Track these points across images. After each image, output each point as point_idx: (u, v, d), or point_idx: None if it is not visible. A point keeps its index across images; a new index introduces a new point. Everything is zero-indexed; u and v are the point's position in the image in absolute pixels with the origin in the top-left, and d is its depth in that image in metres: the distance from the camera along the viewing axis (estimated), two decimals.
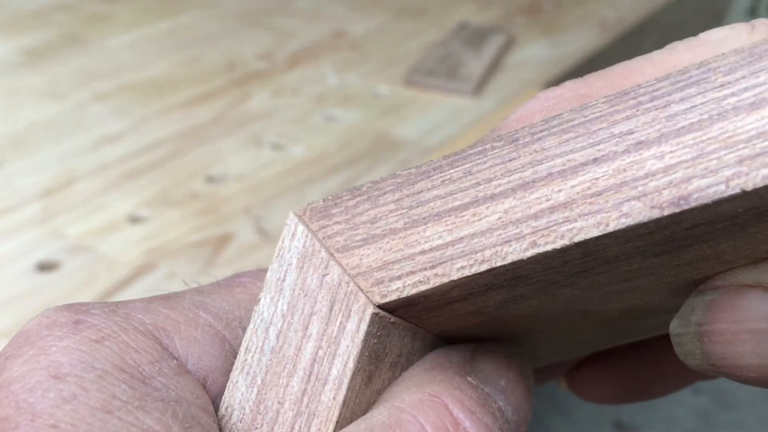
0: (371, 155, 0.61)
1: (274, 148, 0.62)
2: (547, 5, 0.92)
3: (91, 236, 0.51)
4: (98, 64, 0.76)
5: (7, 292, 0.46)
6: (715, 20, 1.20)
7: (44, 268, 0.48)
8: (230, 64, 0.77)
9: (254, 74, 0.75)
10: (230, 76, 0.74)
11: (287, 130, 0.64)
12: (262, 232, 0.51)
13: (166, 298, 0.17)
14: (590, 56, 0.78)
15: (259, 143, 0.62)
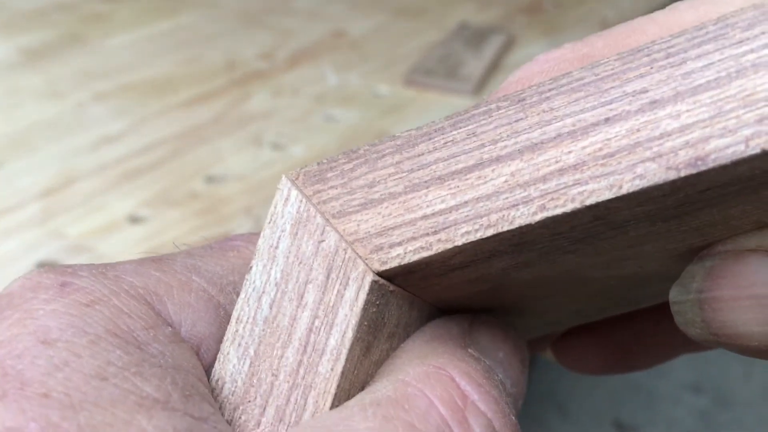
0: None
1: (274, 148, 0.62)
2: (547, 5, 0.92)
3: (91, 236, 0.50)
4: (98, 64, 0.76)
5: None
6: None
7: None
8: (230, 64, 0.77)
9: (254, 74, 0.75)
10: (230, 76, 0.74)
11: (287, 130, 0.64)
12: None
13: (156, 260, 0.16)
14: None
15: (259, 143, 0.62)
